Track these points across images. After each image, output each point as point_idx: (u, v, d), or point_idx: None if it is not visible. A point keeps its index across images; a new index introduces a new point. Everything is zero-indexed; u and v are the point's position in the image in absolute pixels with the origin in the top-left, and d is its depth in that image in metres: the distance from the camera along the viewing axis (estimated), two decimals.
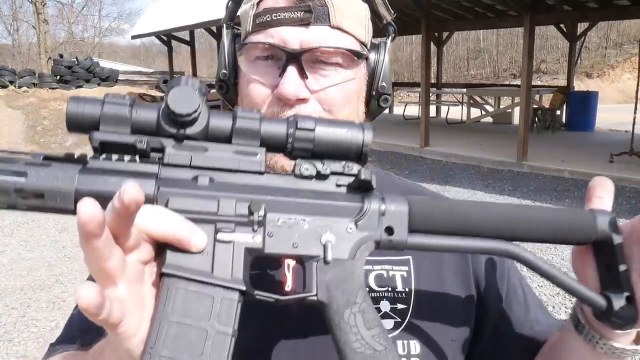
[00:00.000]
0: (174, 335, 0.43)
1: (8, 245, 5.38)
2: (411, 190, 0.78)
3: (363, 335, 0.48)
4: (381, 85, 0.67)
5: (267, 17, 0.61)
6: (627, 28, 23.71)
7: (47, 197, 0.43)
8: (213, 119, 0.48)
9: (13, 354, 3.32)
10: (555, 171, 7.58)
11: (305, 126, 0.49)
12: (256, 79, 0.63)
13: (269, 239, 0.47)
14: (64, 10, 34.66)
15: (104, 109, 0.45)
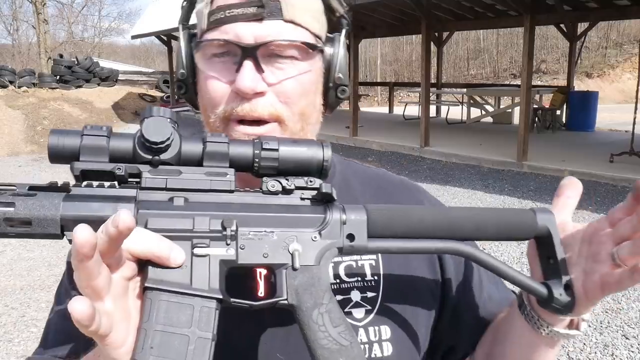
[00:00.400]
0: (159, 343, 0.46)
1: (8, 245, 5.38)
2: (368, 175, 0.81)
3: (330, 332, 0.53)
4: (337, 76, 0.69)
5: (220, 14, 0.63)
6: (627, 28, 23.72)
7: (34, 224, 0.47)
8: (185, 145, 0.53)
9: (13, 354, 3.32)
10: (555, 171, 7.57)
11: (269, 147, 0.54)
12: (214, 75, 0.65)
13: (242, 251, 0.52)
14: (64, 10, 34.68)
15: (83, 140, 0.50)
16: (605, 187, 6.82)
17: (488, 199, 6.47)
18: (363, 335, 0.68)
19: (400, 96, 19.34)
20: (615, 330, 3.41)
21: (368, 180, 0.80)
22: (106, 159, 0.51)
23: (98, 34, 38.39)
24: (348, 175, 0.79)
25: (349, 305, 0.69)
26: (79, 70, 17.84)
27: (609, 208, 2.74)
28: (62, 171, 3.54)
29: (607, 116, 13.85)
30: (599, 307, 3.71)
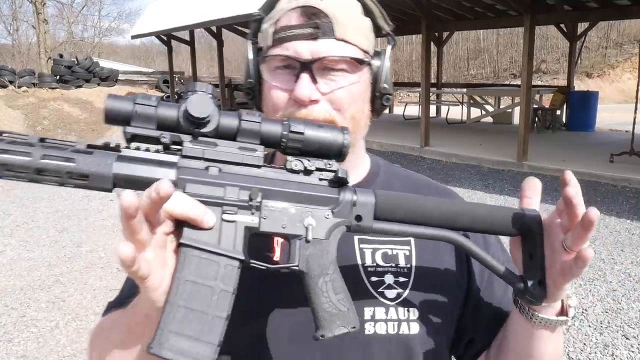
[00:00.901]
0: (188, 291, 0.55)
1: (8, 245, 5.37)
2: (411, 180, 0.92)
3: (331, 298, 0.61)
4: (383, 86, 0.79)
5: (283, 33, 0.74)
6: (627, 28, 23.71)
7: (91, 178, 0.55)
8: (222, 120, 0.59)
9: (13, 354, 3.32)
10: (555, 171, 7.57)
11: (296, 130, 0.61)
12: (276, 85, 0.76)
13: (264, 220, 0.60)
14: (64, 10, 34.67)
15: (135, 107, 0.56)
16: (606, 187, 6.82)
17: (488, 199, 6.47)
18: (393, 314, 0.77)
19: (400, 96, 19.34)
20: (616, 331, 3.40)
21: (407, 182, 0.91)
22: (154, 126, 0.57)
23: (98, 34, 38.39)
24: (390, 176, 0.90)
25: (382, 286, 0.78)
26: (79, 70, 17.83)
27: (609, 208, 2.77)
28: None
29: (607, 116, 13.85)
30: (599, 307, 3.71)
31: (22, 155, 0.53)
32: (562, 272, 0.65)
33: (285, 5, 0.75)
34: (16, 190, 7.85)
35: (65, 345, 3.41)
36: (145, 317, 0.60)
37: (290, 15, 0.74)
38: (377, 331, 0.76)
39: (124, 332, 0.66)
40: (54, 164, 0.54)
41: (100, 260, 4.92)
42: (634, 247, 4.80)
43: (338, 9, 0.74)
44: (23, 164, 0.53)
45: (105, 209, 6.66)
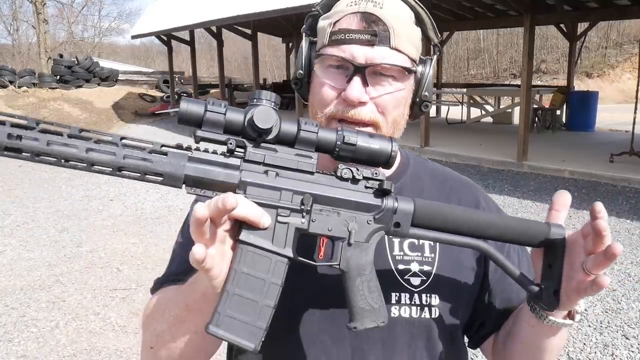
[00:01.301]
0: (243, 281, 0.63)
1: (8, 245, 5.37)
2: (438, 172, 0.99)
3: (366, 296, 0.68)
4: (424, 94, 0.84)
5: (341, 35, 0.78)
6: (627, 28, 23.70)
7: (165, 177, 0.62)
8: (283, 127, 0.65)
9: (13, 353, 3.32)
10: (555, 171, 7.57)
11: (349, 141, 0.66)
12: (328, 82, 0.80)
13: (313, 223, 0.66)
14: (64, 10, 34.66)
15: (206, 114, 0.62)
16: (606, 187, 6.83)
17: None
18: (417, 299, 0.84)
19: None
20: (615, 330, 3.41)
21: (436, 174, 0.98)
22: (221, 130, 0.63)
23: (98, 34, 38.37)
24: (419, 170, 0.96)
25: (408, 274, 0.85)
26: (79, 70, 17.83)
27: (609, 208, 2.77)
28: (63, 171, 3.58)
29: (607, 116, 13.84)
30: (599, 307, 3.71)
31: (107, 154, 0.60)
32: (577, 289, 0.69)
33: (346, 8, 0.79)
34: (16, 190, 7.85)
35: (65, 345, 3.41)
36: (203, 295, 0.68)
37: (350, 19, 0.78)
38: (401, 314, 0.83)
39: (181, 308, 0.72)
40: (133, 163, 0.61)
41: (100, 260, 4.92)
42: (634, 247, 4.81)
43: (396, 18, 0.78)
44: (108, 162, 0.60)
45: (106, 209, 6.66)
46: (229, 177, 0.63)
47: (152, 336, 0.77)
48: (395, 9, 0.79)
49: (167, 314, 0.75)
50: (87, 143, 0.61)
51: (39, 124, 0.61)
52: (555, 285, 0.72)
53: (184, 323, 0.72)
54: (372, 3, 0.78)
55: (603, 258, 0.65)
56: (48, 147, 0.60)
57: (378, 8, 0.77)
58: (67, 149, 0.60)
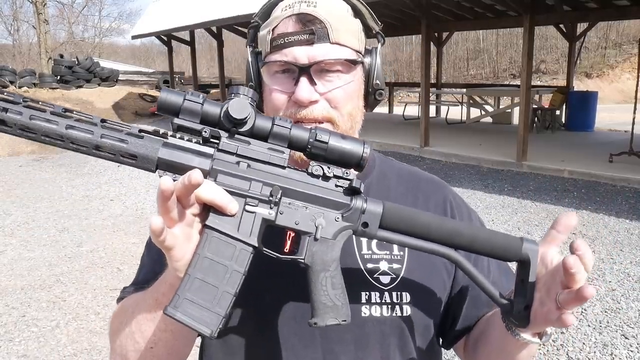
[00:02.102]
0: (206, 266, 0.63)
1: (9, 245, 5.38)
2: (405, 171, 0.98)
3: (329, 292, 0.67)
4: (375, 82, 0.84)
5: (281, 40, 0.79)
6: (626, 28, 23.71)
7: (139, 159, 0.63)
8: (257, 121, 0.66)
9: (14, 353, 3.33)
10: (554, 171, 7.58)
11: (321, 139, 0.67)
12: (276, 88, 0.81)
13: (280, 215, 0.67)
14: (65, 10, 34.66)
15: (184, 103, 0.64)
16: (605, 187, 6.83)
17: (488, 199, 6.48)
18: (388, 297, 0.84)
19: (400, 96, 19.34)
20: (615, 330, 3.41)
21: (402, 174, 0.97)
22: (198, 120, 0.65)
23: (98, 34, 38.37)
24: (385, 169, 0.96)
25: (377, 272, 0.84)
26: (79, 71, 17.82)
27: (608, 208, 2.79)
28: (63, 171, 3.60)
29: (607, 116, 13.85)
30: (598, 306, 3.72)
31: (85, 132, 0.62)
32: (545, 318, 0.69)
33: (281, 13, 0.80)
34: (17, 190, 7.86)
35: (65, 345, 3.42)
36: (170, 286, 0.67)
37: (287, 22, 0.79)
38: (372, 313, 0.83)
39: (151, 304, 0.72)
40: (109, 143, 0.63)
41: (100, 260, 4.93)
42: (633, 246, 4.81)
43: (331, 14, 0.79)
44: (86, 140, 0.62)
45: (106, 209, 6.67)
46: (201, 164, 0.64)
47: (123, 339, 0.76)
48: (328, 5, 0.79)
49: (137, 314, 0.74)
50: (68, 120, 0.62)
51: (26, 100, 0.63)
52: (526, 300, 0.70)
53: (154, 320, 0.72)
54: (306, 4, 0.79)
55: (574, 296, 0.63)
56: (30, 122, 0.61)
57: (312, 7, 0.78)
58: (48, 125, 0.62)
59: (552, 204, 6.18)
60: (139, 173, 8.46)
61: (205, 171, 0.64)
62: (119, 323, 0.78)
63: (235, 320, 0.68)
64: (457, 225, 0.74)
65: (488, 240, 0.72)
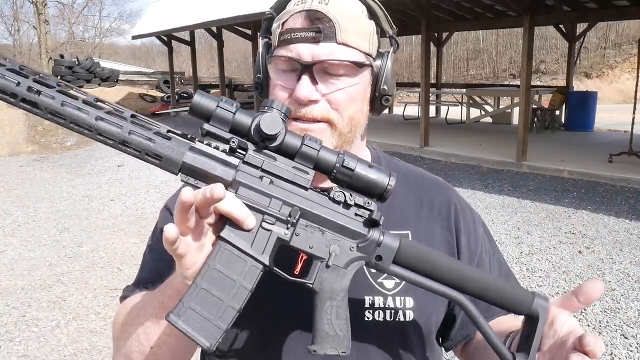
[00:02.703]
0: (214, 277, 0.62)
1: (9, 245, 5.39)
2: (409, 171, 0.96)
3: (332, 322, 0.67)
4: (383, 87, 0.82)
5: (287, 35, 0.78)
6: (626, 28, 23.70)
7: (163, 159, 0.63)
8: (287, 139, 0.66)
9: (14, 353, 3.34)
10: (554, 171, 7.58)
11: (348, 166, 0.66)
12: (279, 83, 0.80)
13: (296, 237, 0.66)
14: (65, 10, 34.65)
15: (216, 110, 0.64)
16: (604, 187, 6.84)
17: (487, 199, 6.48)
18: (391, 302, 0.83)
19: (399, 96, 19.34)
20: (614, 330, 3.42)
21: (408, 174, 0.95)
22: (228, 128, 0.64)
23: (99, 35, 38.35)
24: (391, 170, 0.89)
25: (382, 277, 0.84)
26: (79, 71, 17.83)
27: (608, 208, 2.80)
28: (64, 171, 3.61)
29: (606, 116, 13.85)
30: (598, 306, 3.72)
31: (114, 126, 0.62)
32: None
33: (293, 8, 0.79)
34: (17, 190, 7.87)
35: (66, 345, 3.43)
36: (177, 291, 0.67)
37: (296, 18, 0.78)
38: (375, 318, 0.83)
39: (156, 307, 0.71)
40: (136, 140, 0.62)
41: (101, 260, 4.94)
42: (633, 246, 4.82)
43: (342, 13, 0.77)
44: (113, 133, 0.62)
45: (106, 209, 6.68)
46: (225, 173, 0.63)
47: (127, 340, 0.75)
48: (341, 4, 0.77)
49: (142, 316, 0.73)
50: (98, 112, 0.62)
51: (60, 85, 0.62)
52: (530, 358, 0.68)
53: (159, 324, 0.71)
54: (318, 0, 0.77)
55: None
56: (61, 107, 0.61)
57: (323, 4, 0.76)
58: (78, 113, 0.61)
59: (552, 204, 6.18)
60: (139, 173, 8.47)
61: (227, 182, 0.63)
62: (124, 324, 0.78)
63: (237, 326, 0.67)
64: (471, 271, 0.72)
65: (500, 291, 0.70)
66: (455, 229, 0.91)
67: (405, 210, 0.90)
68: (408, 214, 0.89)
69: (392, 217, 0.87)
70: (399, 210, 0.89)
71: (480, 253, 0.91)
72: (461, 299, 0.70)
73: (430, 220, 0.90)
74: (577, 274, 4.26)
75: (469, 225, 0.92)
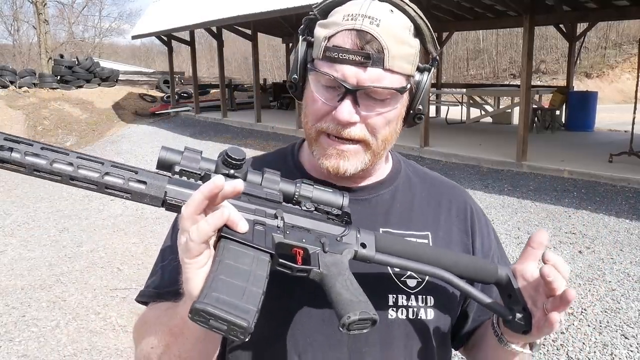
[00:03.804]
0: (229, 269, 0.62)
1: (9, 245, 5.38)
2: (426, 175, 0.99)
3: (352, 290, 0.68)
4: (418, 107, 0.83)
5: (335, 54, 0.76)
6: (626, 28, 23.70)
7: (149, 198, 0.66)
8: (249, 174, 0.72)
9: (14, 353, 3.33)
10: (554, 171, 7.58)
11: (305, 194, 0.74)
12: (321, 99, 0.79)
13: (287, 234, 0.70)
14: (65, 10, 34.65)
15: (181, 162, 0.67)
16: (605, 187, 6.83)
17: (488, 199, 6.48)
18: (413, 301, 0.86)
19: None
20: (615, 330, 3.41)
21: (426, 178, 0.99)
22: (198, 165, 0.68)
23: (98, 34, 38.35)
24: (410, 173, 0.97)
25: (405, 276, 0.86)
26: (79, 71, 17.84)
27: (608, 208, 2.79)
28: None
29: (606, 116, 13.85)
30: (598, 306, 3.72)
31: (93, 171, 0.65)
32: (538, 327, 0.75)
33: (342, 22, 0.76)
34: (17, 190, 7.86)
35: (66, 345, 3.43)
36: (182, 319, 0.67)
37: (346, 36, 0.75)
38: (398, 316, 0.84)
39: (165, 332, 0.73)
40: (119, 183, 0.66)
41: (100, 260, 4.93)
42: (633, 246, 4.81)
43: (392, 38, 0.75)
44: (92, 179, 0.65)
45: (106, 208, 6.67)
46: None
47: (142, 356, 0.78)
48: (393, 25, 0.76)
49: (154, 338, 0.75)
50: (104, 167, 0.66)
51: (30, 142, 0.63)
52: (522, 303, 0.77)
53: (169, 348, 0.72)
54: (369, 19, 0.74)
55: (559, 302, 0.71)
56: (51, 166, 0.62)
57: (374, 26, 0.74)
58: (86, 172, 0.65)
59: (552, 204, 6.18)
60: None
61: None
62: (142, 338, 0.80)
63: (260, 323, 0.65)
64: (442, 253, 0.79)
65: (470, 264, 0.79)
66: (471, 232, 0.95)
67: (425, 213, 0.92)
68: (427, 216, 0.92)
69: (412, 219, 0.90)
70: (418, 213, 0.92)
71: (492, 256, 0.94)
72: (446, 275, 0.76)
73: (449, 222, 0.93)
74: (578, 274, 4.25)
75: (483, 229, 0.97)
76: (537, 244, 0.77)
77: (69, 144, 12.60)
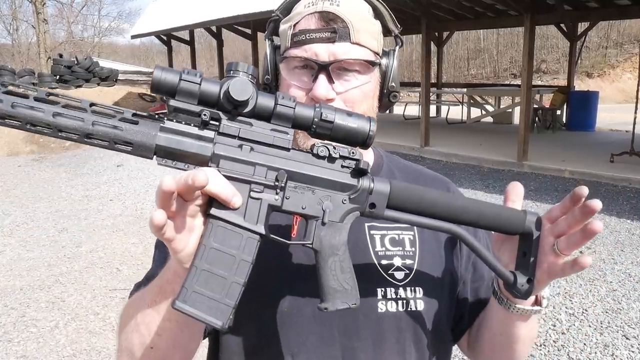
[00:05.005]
0: (212, 257, 0.61)
1: (7, 245, 5.37)
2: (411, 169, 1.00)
3: (338, 277, 0.66)
4: (391, 85, 0.86)
5: (302, 36, 0.80)
6: (627, 28, 23.69)
7: (135, 146, 0.59)
8: (260, 100, 0.63)
9: (12, 354, 3.32)
10: (555, 171, 7.57)
11: (327, 118, 0.64)
12: (294, 83, 0.82)
13: (286, 200, 0.65)
14: (64, 9, 34.64)
15: (180, 84, 0.60)
16: (606, 187, 6.82)
17: (488, 199, 6.47)
18: (402, 293, 0.85)
19: (400, 96, 19.30)
20: (616, 331, 3.40)
21: (409, 171, 0.99)
22: (195, 101, 0.61)
23: (98, 34, 38.34)
24: (392, 167, 0.98)
25: (392, 268, 0.86)
26: (78, 70, 17.81)
27: (609, 208, 2.78)
28: (62, 171, 3.58)
29: (608, 116, 13.84)
30: (600, 307, 3.71)
31: (75, 119, 0.58)
32: (549, 272, 0.72)
33: (304, 10, 0.81)
34: (16, 190, 7.85)
35: (65, 345, 3.41)
36: (174, 273, 0.67)
37: (309, 19, 0.80)
38: (388, 309, 0.84)
39: (155, 292, 0.71)
40: (102, 130, 0.59)
41: (100, 260, 4.92)
42: (634, 247, 4.80)
43: (353, 14, 0.80)
44: (76, 127, 0.58)
45: (105, 209, 6.66)
46: (202, 149, 0.61)
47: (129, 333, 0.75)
48: (351, 5, 0.80)
49: (141, 305, 0.73)
50: (54, 107, 0.58)
51: (5, 85, 0.58)
52: (530, 273, 0.73)
53: (158, 310, 0.70)
54: (329, 2, 0.80)
55: (580, 236, 0.68)
56: (13, 110, 0.57)
57: (335, 6, 0.79)
58: (33, 113, 0.57)
59: (553, 204, 6.11)
60: (139, 173, 8.45)
61: (206, 157, 0.61)
62: (126, 317, 0.78)
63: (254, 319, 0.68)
64: (463, 200, 0.74)
65: (494, 215, 0.73)
66: None
67: None
68: None
69: None
70: None
71: (480, 237, 0.93)
72: (456, 229, 0.72)
73: None
74: (578, 274, 4.24)
75: None
76: (516, 196, 0.77)
77: (68, 143, 12.58)
